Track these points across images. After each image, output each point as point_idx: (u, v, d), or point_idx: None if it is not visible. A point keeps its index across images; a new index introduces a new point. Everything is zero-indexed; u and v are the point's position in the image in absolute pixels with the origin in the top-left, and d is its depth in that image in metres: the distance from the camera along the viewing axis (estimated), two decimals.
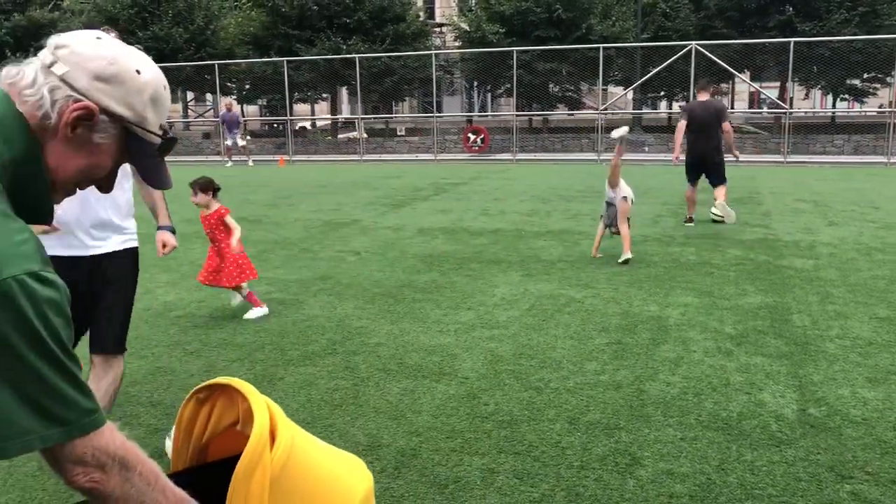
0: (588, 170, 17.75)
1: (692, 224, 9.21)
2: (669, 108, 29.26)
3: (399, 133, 29.82)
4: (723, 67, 20.89)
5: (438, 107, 32.75)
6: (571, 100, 27.78)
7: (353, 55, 24.00)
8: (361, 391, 4.01)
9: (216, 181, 5.45)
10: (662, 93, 28.69)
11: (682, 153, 9.74)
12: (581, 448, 3.30)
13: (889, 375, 4.13)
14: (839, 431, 3.43)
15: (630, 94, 25.68)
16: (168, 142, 1.29)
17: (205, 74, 27.27)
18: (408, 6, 27.52)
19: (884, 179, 15.03)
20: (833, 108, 30.03)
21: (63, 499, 2.90)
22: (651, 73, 22.04)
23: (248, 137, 22.59)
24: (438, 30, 35.53)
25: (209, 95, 33.27)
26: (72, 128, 1.17)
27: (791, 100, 23.06)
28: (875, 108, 28.36)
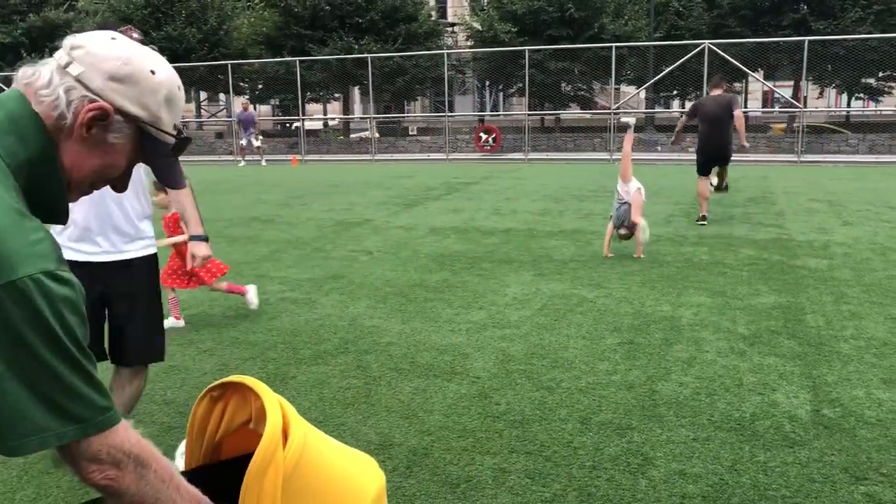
0: (600, 169, 17.70)
1: (705, 223, 9.16)
2: (682, 108, 29.14)
3: (411, 133, 29.83)
4: (736, 66, 20.78)
5: (450, 106, 32.76)
6: (584, 99, 27.71)
7: (366, 55, 24.04)
8: (373, 390, 4.02)
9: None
10: (675, 92, 28.58)
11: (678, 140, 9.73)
12: (593, 448, 3.30)
13: None
14: (853, 432, 3.41)
15: (642, 94, 25.60)
16: (182, 142, 1.30)
17: (218, 74, 27.39)
18: (420, 6, 27.53)
19: None
20: (848, 108, 29.81)
21: (78, 496, 2.92)
22: (664, 73, 21.95)
23: (261, 137, 22.66)
24: (450, 29, 35.52)
25: (222, 95, 33.42)
26: (87, 128, 1.18)
27: (805, 99, 22.91)
28: (891, 107, 28.14)
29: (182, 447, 1.62)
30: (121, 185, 1.32)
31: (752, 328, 4.98)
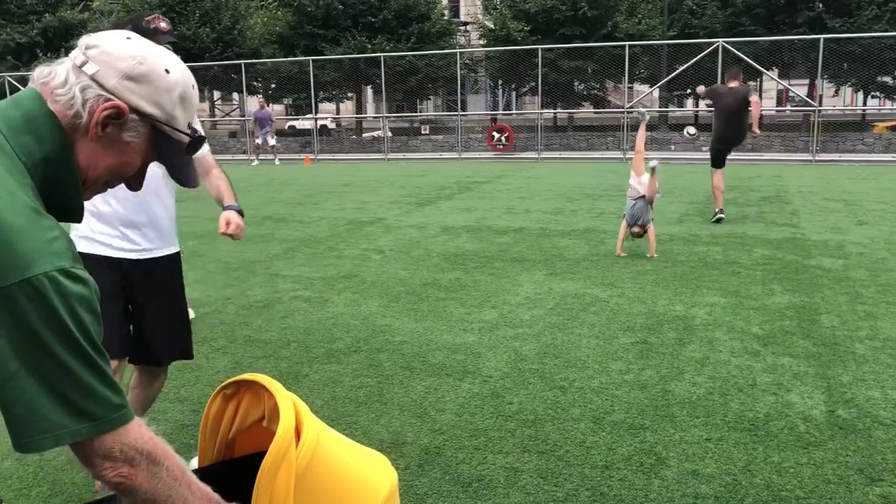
0: (613, 168, 17.64)
1: (723, 216, 9.08)
2: (696, 107, 29.00)
3: (423, 132, 29.87)
4: (750, 65, 20.65)
5: (463, 105, 32.72)
6: (597, 98, 27.64)
7: (378, 54, 24.07)
8: (385, 389, 4.02)
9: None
10: (688, 91, 28.42)
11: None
12: (606, 448, 3.29)
13: None
14: (869, 433, 3.38)
15: (656, 92, 25.50)
16: (196, 140, 1.31)
17: (231, 74, 27.52)
18: (432, 5, 27.56)
19: None
20: (864, 106, 29.58)
21: (92, 492, 2.94)
22: (677, 71, 21.85)
23: (275, 136, 22.74)
24: (463, 28, 35.53)
25: (235, 95, 33.55)
26: (102, 127, 1.19)
27: (820, 97, 22.75)
28: None
29: (195, 462, 1.62)
30: (136, 184, 1.33)
31: (766, 328, 4.95)
